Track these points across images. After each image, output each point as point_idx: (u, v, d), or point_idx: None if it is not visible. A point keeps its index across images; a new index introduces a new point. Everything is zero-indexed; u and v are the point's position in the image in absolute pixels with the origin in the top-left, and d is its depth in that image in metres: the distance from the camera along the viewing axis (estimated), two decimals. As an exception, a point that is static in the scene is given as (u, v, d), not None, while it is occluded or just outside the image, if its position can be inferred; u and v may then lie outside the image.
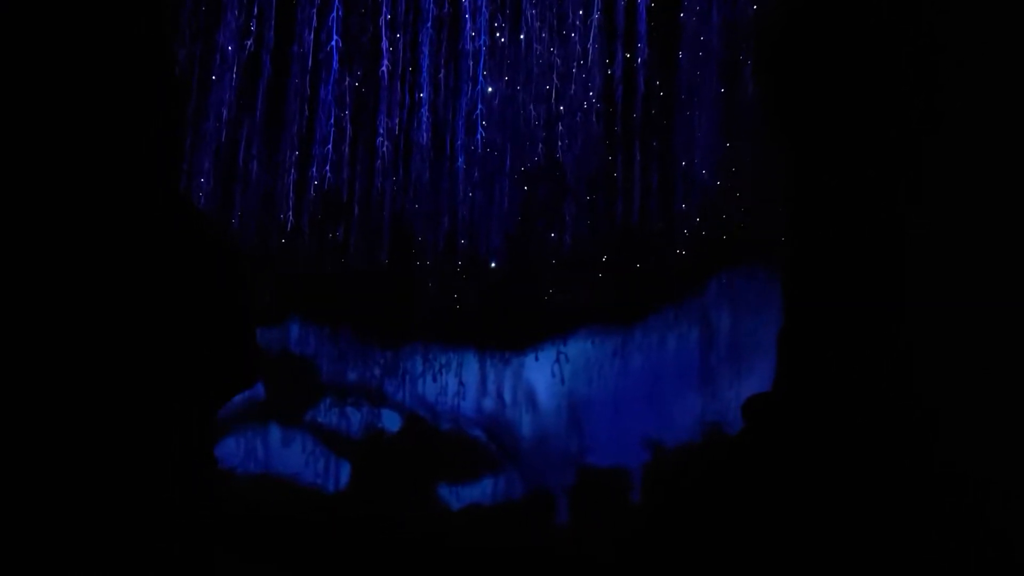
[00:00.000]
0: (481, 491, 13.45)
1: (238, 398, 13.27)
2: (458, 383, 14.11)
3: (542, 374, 14.07)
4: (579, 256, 12.49)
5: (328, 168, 9.63)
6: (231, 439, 13.64)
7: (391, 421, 14.03)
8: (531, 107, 9.83)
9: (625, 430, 13.07)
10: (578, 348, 13.93)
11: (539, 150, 10.32)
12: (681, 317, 13.24)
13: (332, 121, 9.46)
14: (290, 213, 10.48)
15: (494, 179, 11.38)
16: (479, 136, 9.82)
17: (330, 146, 9.45)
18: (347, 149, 9.79)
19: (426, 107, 9.74)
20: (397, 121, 9.83)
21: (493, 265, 12.90)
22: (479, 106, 9.53)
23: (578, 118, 10.22)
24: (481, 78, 9.26)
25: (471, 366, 14.38)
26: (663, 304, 13.17)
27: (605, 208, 11.76)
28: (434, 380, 14.20)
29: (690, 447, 12.34)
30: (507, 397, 14.22)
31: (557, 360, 13.86)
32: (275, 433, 13.70)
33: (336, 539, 12.15)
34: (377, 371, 14.39)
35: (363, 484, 13.35)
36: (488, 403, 14.31)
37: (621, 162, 11.21)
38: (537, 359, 14.07)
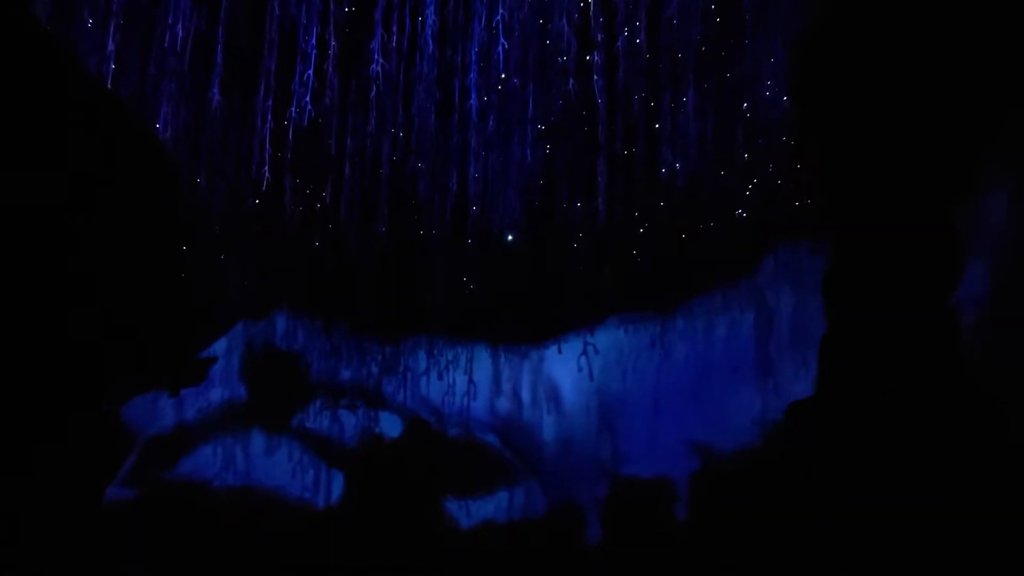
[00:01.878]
0: (496, 506, 12.39)
1: (215, 399, 13.14)
2: (468, 381, 13.16)
3: (567, 369, 13.18)
4: (612, 227, 10.93)
5: (309, 99, 7.77)
6: (207, 447, 12.52)
7: (390, 425, 12.96)
8: (562, 23, 7.97)
9: (667, 433, 11.97)
10: (609, 337, 12.99)
11: (570, 87, 8.47)
12: (732, 299, 11.96)
13: (314, 42, 7.65)
14: (266, 169, 8.66)
15: (512, 130, 9.57)
16: (499, 48, 7.96)
17: (311, 71, 7.60)
18: (331, 68, 7.93)
19: (433, 14, 7.89)
20: (395, 40, 8.00)
21: (510, 238, 11.48)
22: (500, 11, 7.70)
23: (619, 44, 8.39)
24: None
25: (483, 361, 13.52)
26: (710, 284, 12.12)
27: (645, 165, 9.92)
28: (440, 378, 13.31)
29: (747, 452, 10.97)
30: (525, 396, 13.47)
31: (584, 352, 12.94)
32: (257, 440, 12.58)
33: (327, 561, 11.43)
34: (374, 368, 13.50)
35: (358, 498, 12.31)
36: (503, 403, 13.51)
37: (668, 103, 9.37)
38: (560, 351, 13.17)
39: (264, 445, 12.53)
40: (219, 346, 13.47)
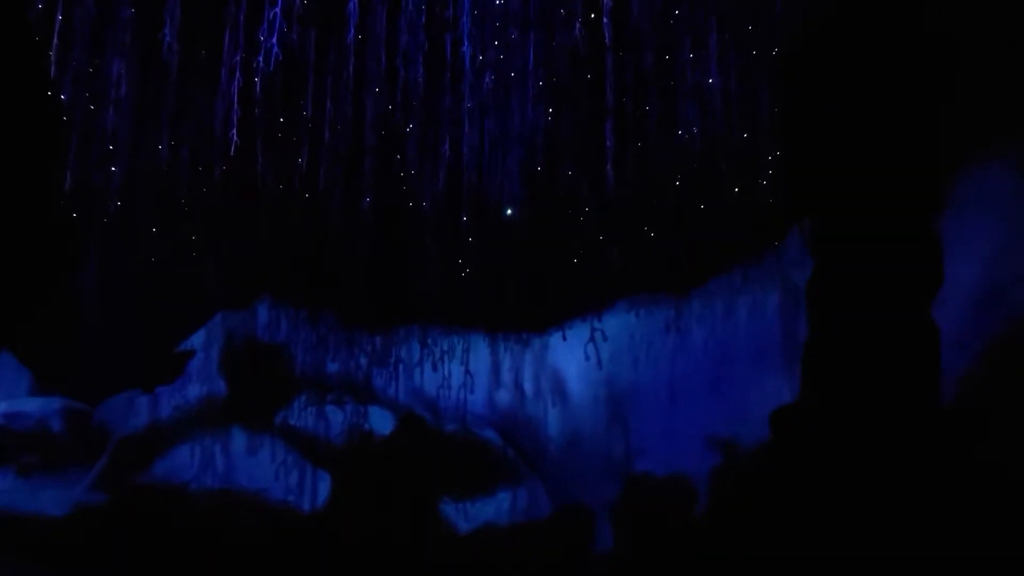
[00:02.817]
0: (496, 509, 11.97)
1: (193, 396, 12.52)
2: (465, 372, 12.73)
3: (573, 357, 12.74)
4: (622, 198, 10.25)
5: (276, 41, 6.83)
6: (184, 447, 12.11)
7: (381, 422, 12.50)
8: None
9: (684, 426, 11.53)
10: (619, 322, 12.56)
11: (576, 33, 7.54)
12: (755, 278, 11.47)
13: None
14: (234, 132, 7.75)
15: (511, 88, 8.71)
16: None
17: (278, 8, 6.63)
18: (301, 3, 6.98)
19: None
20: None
21: (509, 212, 10.75)
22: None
23: (633, -23, 7.51)
24: None
25: (481, 350, 13.10)
26: (730, 261, 11.67)
27: (660, 128, 9.09)
28: (434, 369, 12.94)
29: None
30: (528, 388, 13.06)
31: (592, 339, 12.46)
32: (238, 439, 12.20)
33: (313, 570, 11.19)
34: (364, 360, 13.13)
35: (347, 501, 11.89)
36: (503, 396, 13.09)
37: (687, 54, 8.43)
38: (566, 338, 12.84)
39: (245, 445, 12.18)
40: (197, 338, 13.11)
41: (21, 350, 13.03)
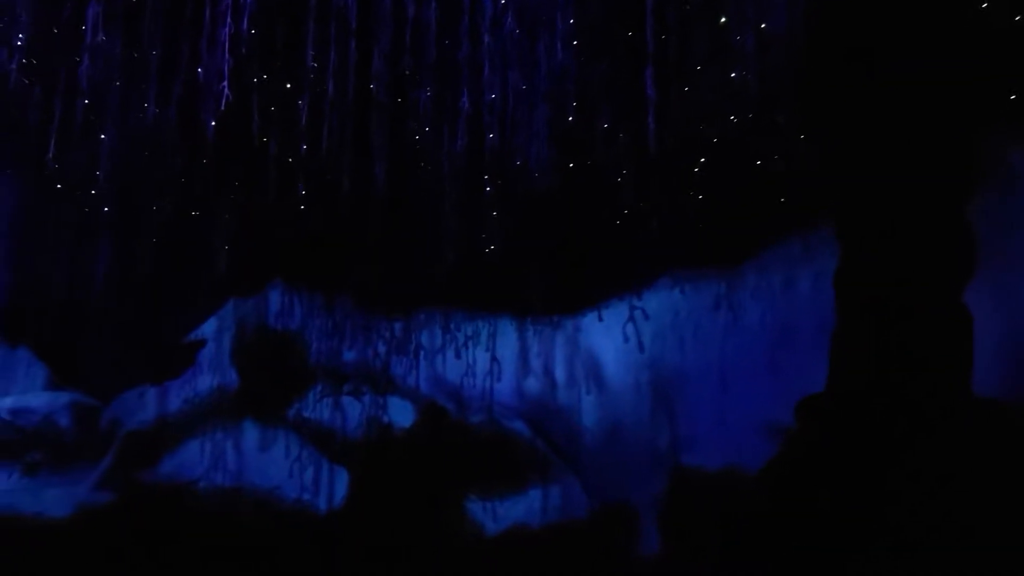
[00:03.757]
0: (527, 508, 11.77)
1: (204, 388, 12.18)
2: (491, 359, 12.62)
3: (610, 339, 12.45)
4: (665, 158, 9.45)
5: None
6: (194, 442, 12.02)
7: (402, 413, 12.43)
8: None
9: (739, 413, 11.17)
10: (662, 300, 12.27)
11: None
12: (817, 247, 10.77)
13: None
14: (225, 84, 6.98)
15: (538, 34, 7.88)
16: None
17: None
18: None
19: None
20: None
21: (536, 177, 10.16)
22: None
23: None
24: None
25: (508, 335, 12.94)
26: (789, 228, 11.15)
27: (707, 72, 8.20)
28: (458, 356, 12.81)
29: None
30: (559, 375, 12.81)
31: (631, 318, 12.19)
32: (250, 433, 12.14)
33: (329, 573, 10.96)
34: (382, 347, 12.97)
35: (365, 499, 11.77)
36: (533, 384, 12.87)
37: None
38: (602, 319, 12.50)
39: (258, 439, 12.10)
40: (207, 327, 13.09)
41: (38, 344, 13.05)
